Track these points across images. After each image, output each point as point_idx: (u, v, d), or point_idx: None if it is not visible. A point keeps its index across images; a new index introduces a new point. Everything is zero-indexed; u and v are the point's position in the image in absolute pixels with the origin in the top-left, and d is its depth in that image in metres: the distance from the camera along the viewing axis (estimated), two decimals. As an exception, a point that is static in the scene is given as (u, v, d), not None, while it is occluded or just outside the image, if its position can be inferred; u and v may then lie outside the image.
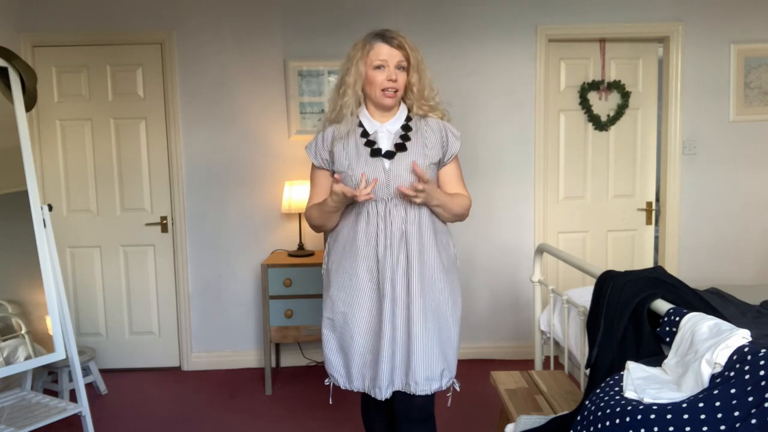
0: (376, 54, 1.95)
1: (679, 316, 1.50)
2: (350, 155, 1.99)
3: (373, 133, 2.00)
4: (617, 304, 1.74)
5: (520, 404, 2.33)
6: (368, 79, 1.96)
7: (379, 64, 1.94)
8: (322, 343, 2.08)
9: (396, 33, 1.97)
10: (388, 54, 1.94)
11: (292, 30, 3.84)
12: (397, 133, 2.00)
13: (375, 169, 1.95)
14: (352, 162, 1.98)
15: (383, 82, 1.94)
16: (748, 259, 4.06)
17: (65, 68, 3.83)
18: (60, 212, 3.86)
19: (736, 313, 2.63)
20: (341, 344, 2.03)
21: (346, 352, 2.02)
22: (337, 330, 2.03)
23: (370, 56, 1.95)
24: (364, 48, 1.97)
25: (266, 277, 3.47)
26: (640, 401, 1.30)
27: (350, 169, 1.98)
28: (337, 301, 2.02)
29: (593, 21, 3.88)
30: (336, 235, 2.08)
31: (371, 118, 2.02)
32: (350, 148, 1.99)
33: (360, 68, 1.96)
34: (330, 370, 2.07)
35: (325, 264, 2.13)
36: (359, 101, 2.00)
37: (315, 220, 2.07)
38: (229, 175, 3.91)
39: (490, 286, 4.02)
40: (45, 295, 2.79)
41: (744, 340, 1.29)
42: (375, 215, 1.96)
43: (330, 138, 2.04)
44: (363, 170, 1.94)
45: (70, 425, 3.09)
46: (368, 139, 1.99)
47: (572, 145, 4.06)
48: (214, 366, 3.99)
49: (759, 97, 3.96)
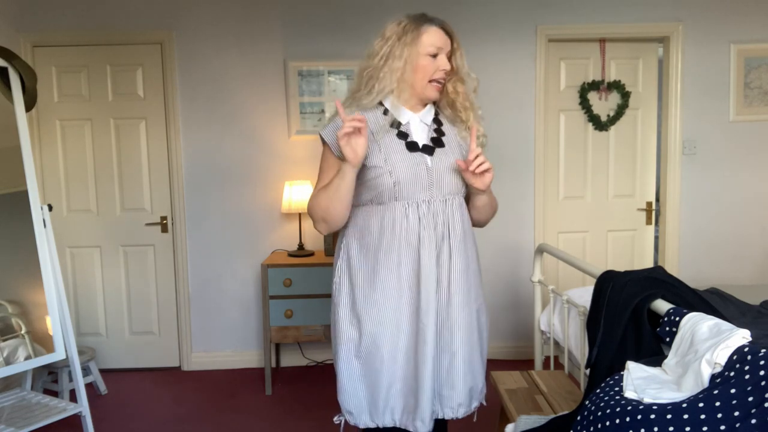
0: (430, 39, 1.71)
1: (679, 316, 1.50)
2: (386, 148, 1.71)
3: (405, 124, 1.76)
4: (617, 304, 1.73)
5: (520, 404, 2.33)
6: (417, 66, 1.71)
7: (434, 51, 1.71)
8: (338, 370, 1.76)
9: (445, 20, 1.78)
10: (443, 41, 1.73)
11: (292, 30, 3.84)
12: (431, 126, 1.79)
13: (416, 165, 1.70)
14: (389, 155, 1.70)
15: (435, 71, 1.72)
16: (748, 259, 4.05)
17: (65, 68, 3.83)
18: (60, 212, 3.86)
19: (736, 313, 2.63)
20: (366, 371, 1.72)
21: (372, 381, 1.72)
22: (361, 355, 1.72)
23: (423, 41, 1.71)
24: (416, 30, 1.72)
25: (266, 277, 3.47)
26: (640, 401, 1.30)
27: (387, 163, 1.69)
28: (364, 320, 1.71)
29: (593, 21, 3.88)
30: (361, 239, 1.76)
31: (403, 108, 1.76)
32: (385, 140, 1.72)
33: (411, 51, 1.70)
34: (346, 404, 1.75)
35: (342, 274, 1.79)
36: (402, 87, 1.73)
37: (321, 206, 1.71)
38: (229, 175, 3.91)
39: (490, 286, 4.02)
40: (45, 295, 2.78)
41: (744, 340, 1.29)
42: (415, 218, 1.70)
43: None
44: (404, 166, 1.69)
45: (70, 425, 3.09)
46: (400, 130, 1.75)
47: (572, 145, 4.06)
48: (214, 366, 3.99)
49: (759, 97, 3.96)
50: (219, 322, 3.99)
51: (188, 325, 3.98)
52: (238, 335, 4.00)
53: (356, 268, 1.75)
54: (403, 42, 1.71)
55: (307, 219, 3.88)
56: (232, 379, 3.82)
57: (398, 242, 1.69)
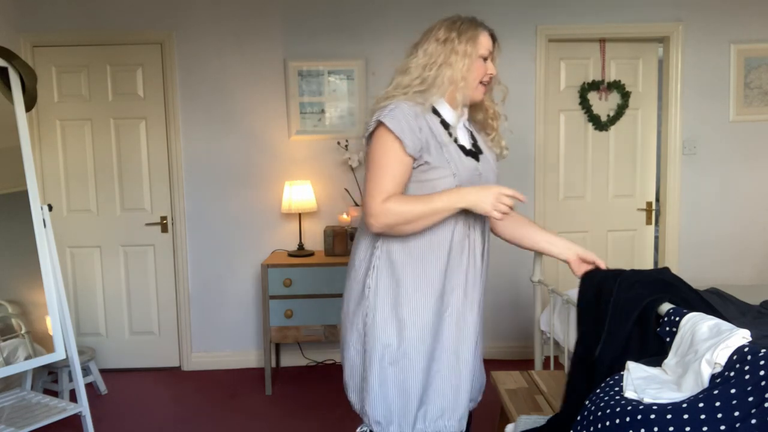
0: (485, 43, 1.73)
1: (679, 316, 1.50)
2: (450, 151, 1.67)
3: (452, 127, 1.73)
4: (625, 303, 1.72)
5: (520, 404, 2.33)
6: (473, 67, 1.71)
7: (486, 55, 1.73)
8: (369, 378, 1.68)
9: None
10: (492, 46, 1.76)
11: (292, 30, 3.84)
12: (468, 131, 1.80)
13: (472, 169, 1.70)
14: (454, 159, 1.66)
15: (484, 74, 1.74)
16: (748, 259, 4.05)
17: (65, 68, 3.83)
18: (60, 212, 3.86)
19: (736, 313, 2.64)
20: (400, 378, 1.67)
21: (405, 389, 1.68)
22: (397, 361, 1.66)
23: (480, 42, 1.71)
24: (473, 31, 1.72)
25: (266, 277, 3.47)
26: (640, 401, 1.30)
27: (451, 165, 1.65)
28: (405, 324, 1.66)
29: (593, 21, 3.87)
30: (406, 240, 1.68)
31: (451, 109, 1.73)
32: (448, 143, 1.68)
33: (471, 52, 1.69)
34: (375, 414, 1.68)
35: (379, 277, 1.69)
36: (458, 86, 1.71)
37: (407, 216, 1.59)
38: (229, 175, 3.91)
39: (490, 286, 4.00)
40: (45, 295, 2.79)
41: (744, 340, 1.29)
42: (467, 222, 1.70)
43: (420, 119, 1.66)
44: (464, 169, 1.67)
45: (70, 425, 3.09)
46: (449, 132, 1.71)
47: (572, 145, 4.06)
48: (214, 366, 3.99)
49: (759, 97, 3.96)
50: (219, 322, 3.99)
51: (188, 325, 3.98)
52: (238, 335, 4.00)
53: (398, 271, 1.68)
54: (464, 41, 1.69)
55: (307, 219, 3.88)
56: (232, 379, 3.82)
57: (449, 246, 1.67)
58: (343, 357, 1.79)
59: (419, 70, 1.70)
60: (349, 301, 1.77)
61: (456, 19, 1.74)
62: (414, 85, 1.69)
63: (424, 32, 1.79)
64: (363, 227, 1.76)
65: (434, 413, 1.70)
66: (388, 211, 1.59)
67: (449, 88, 1.69)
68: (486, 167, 1.76)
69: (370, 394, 1.68)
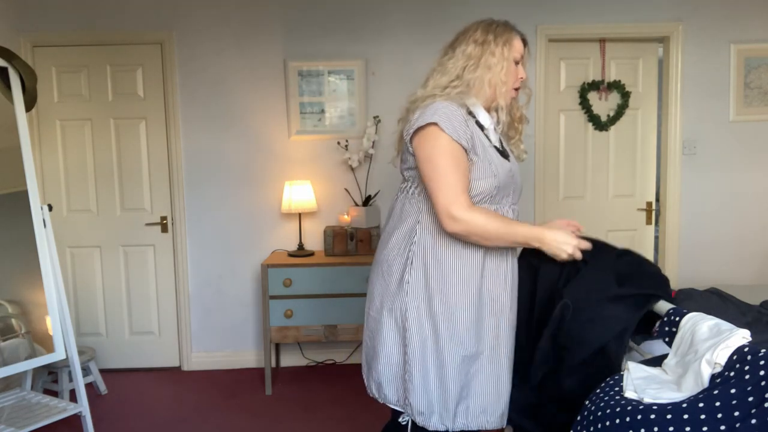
0: (519, 47, 1.79)
1: (679, 316, 1.50)
2: (490, 152, 1.72)
3: (486, 129, 1.77)
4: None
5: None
6: (509, 70, 1.77)
7: (519, 59, 1.78)
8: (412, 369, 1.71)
9: None
10: (524, 52, 1.82)
11: (292, 30, 3.84)
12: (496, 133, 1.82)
13: (508, 171, 1.75)
14: (494, 160, 1.71)
15: (517, 79, 1.78)
16: (748, 259, 4.05)
17: (65, 68, 3.83)
18: (60, 212, 3.86)
19: (736, 314, 2.63)
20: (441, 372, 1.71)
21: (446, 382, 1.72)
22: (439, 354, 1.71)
23: (514, 46, 1.77)
24: (508, 35, 1.78)
25: (266, 277, 3.47)
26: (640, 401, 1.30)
27: (492, 165, 1.70)
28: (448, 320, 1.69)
29: (593, 21, 3.88)
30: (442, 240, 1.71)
31: (484, 111, 1.77)
32: (487, 145, 1.72)
33: (507, 55, 1.75)
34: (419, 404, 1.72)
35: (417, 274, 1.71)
36: (494, 88, 1.75)
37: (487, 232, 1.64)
38: (229, 175, 3.91)
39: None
40: (45, 295, 2.79)
41: (744, 340, 1.29)
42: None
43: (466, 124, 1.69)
44: (502, 170, 1.72)
45: (70, 425, 3.09)
46: (485, 134, 1.75)
47: (572, 145, 4.06)
48: (214, 366, 3.99)
49: (759, 97, 3.96)
50: (219, 322, 3.99)
51: (188, 325, 3.98)
52: (238, 335, 4.00)
53: (437, 265, 1.70)
54: (500, 43, 1.74)
55: (307, 219, 3.88)
56: (232, 379, 3.82)
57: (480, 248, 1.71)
58: (377, 352, 1.78)
59: (458, 71, 1.74)
60: (383, 296, 1.77)
61: (491, 21, 1.80)
62: (453, 85, 1.73)
63: (459, 33, 1.84)
64: (397, 223, 1.78)
65: (476, 409, 1.73)
66: (474, 223, 1.63)
67: (487, 90, 1.74)
68: (515, 169, 1.80)
69: (414, 384, 1.71)
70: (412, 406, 1.73)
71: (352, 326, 3.49)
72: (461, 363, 1.70)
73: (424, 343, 1.70)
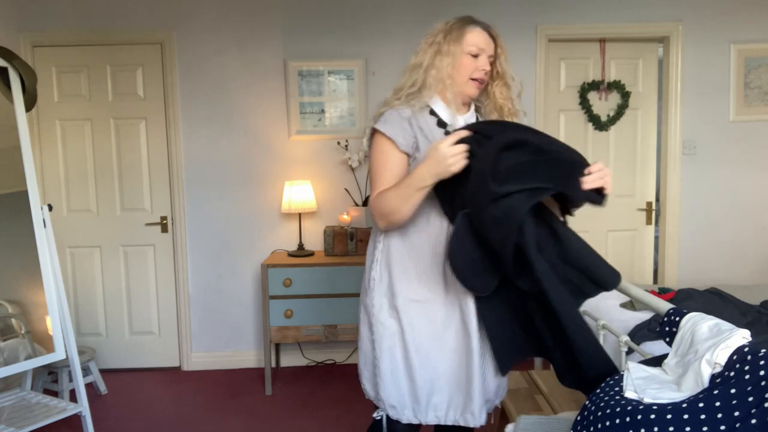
0: (474, 39, 1.75)
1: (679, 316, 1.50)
2: None
3: (449, 126, 1.78)
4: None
5: (520, 404, 2.33)
6: (459, 64, 1.75)
7: (475, 51, 1.75)
8: (379, 364, 1.77)
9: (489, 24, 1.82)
10: (486, 43, 1.77)
11: (292, 30, 3.84)
12: None
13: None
14: None
15: (474, 70, 1.75)
16: (747, 259, 4.05)
17: (65, 68, 3.83)
18: (60, 212, 3.86)
19: (736, 314, 2.63)
20: (408, 365, 1.75)
21: (413, 376, 1.75)
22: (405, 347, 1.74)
23: (466, 40, 1.75)
24: (460, 30, 1.76)
25: (266, 277, 3.47)
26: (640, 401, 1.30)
27: None
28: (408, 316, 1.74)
29: (593, 21, 3.88)
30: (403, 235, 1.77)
31: (448, 109, 1.79)
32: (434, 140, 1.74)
33: (456, 50, 1.74)
34: (390, 398, 1.75)
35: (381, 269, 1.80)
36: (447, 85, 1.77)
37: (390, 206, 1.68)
38: (229, 175, 3.91)
39: (490, 286, 4.01)
40: (45, 295, 2.78)
41: (744, 340, 1.29)
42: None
43: (411, 120, 1.76)
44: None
45: (70, 425, 3.09)
46: (446, 130, 1.77)
47: (572, 145, 4.03)
48: (214, 366, 3.99)
49: (759, 97, 3.96)
50: (219, 322, 3.99)
51: (188, 325, 3.98)
52: (238, 335, 4.00)
53: (398, 263, 1.76)
54: (449, 40, 1.76)
55: (307, 219, 3.88)
56: (232, 379, 3.82)
57: (446, 237, 1.69)
58: (359, 347, 1.87)
59: (410, 72, 1.80)
60: (361, 293, 1.87)
61: (450, 20, 1.80)
62: (406, 87, 1.79)
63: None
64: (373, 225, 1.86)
65: (443, 405, 1.75)
66: (375, 203, 1.73)
67: (439, 87, 1.76)
68: None
69: (383, 379, 1.76)
70: (383, 400, 1.77)
71: (352, 326, 3.49)
72: (427, 356, 1.73)
73: (391, 337, 1.75)
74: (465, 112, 1.83)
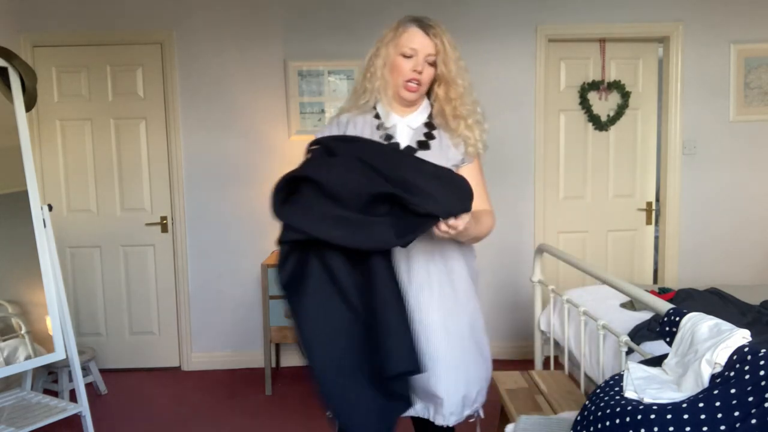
0: (408, 40, 1.71)
1: (679, 316, 1.50)
2: None
3: (391, 127, 1.76)
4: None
5: (520, 404, 2.33)
6: (393, 66, 1.73)
7: (408, 52, 1.71)
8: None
9: (436, 22, 1.75)
10: (421, 43, 1.71)
11: (292, 30, 3.84)
12: (419, 130, 1.77)
13: None
14: None
15: (408, 72, 1.71)
16: (748, 259, 4.05)
17: (65, 68, 3.83)
18: (60, 212, 3.86)
19: (736, 313, 2.63)
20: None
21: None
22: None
23: (402, 41, 1.72)
24: (396, 30, 1.74)
25: (266, 277, 3.47)
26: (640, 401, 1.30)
27: None
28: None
29: (593, 21, 3.87)
30: None
31: (390, 111, 1.78)
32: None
33: (390, 51, 1.73)
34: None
35: None
36: (387, 88, 1.75)
37: None
38: (229, 175, 3.91)
39: (491, 286, 4.01)
40: (45, 295, 2.78)
41: (744, 340, 1.29)
42: None
43: (345, 126, 1.79)
44: None
45: (70, 425, 3.09)
46: (386, 133, 1.75)
47: (572, 145, 4.06)
48: (214, 366, 3.99)
49: (759, 97, 3.96)
50: (219, 322, 3.99)
51: (188, 325, 3.98)
52: (238, 335, 4.00)
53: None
54: (386, 41, 1.75)
55: (307, 219, 3.88)
56: (232, 379, 3.82)
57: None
58: None
59: (360, 79, 1.82)
60: None
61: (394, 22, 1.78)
62: (355, 93, 1.82)
63: None
64: None
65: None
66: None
67: (381, 87, 1.76)
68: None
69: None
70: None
71: (352, 326, 3.49)
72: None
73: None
74: (410, 112, 1.78)
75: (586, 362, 2.46)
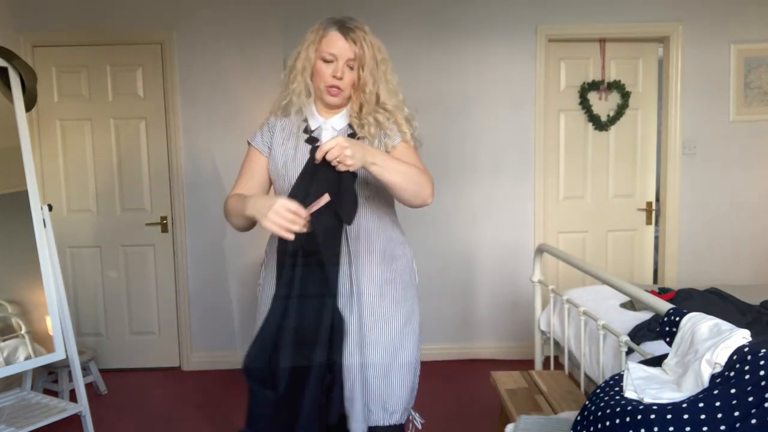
0: (327, 44, 1.68)
1: (679, 316, 1.50)
2: (287, 154, 1.74)
3: (316, 129, 1.76)
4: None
5: (520, 404, 2.33)
6: (315, 70, 1.71)
7: (328, 57, 1.68)
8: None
9: (357, 25, 1.71)
10: (341, 48, 1.68)
11: (292, 30, 3.84)
12: (343, 131, 1.75)
13: None
14: (288, 162, 1.73)
15: (328, 78, 1.69)
16: (747, 258, 4.05)
17: (65, 68, 3.83)
18: (60, 212, 3.86)
19: (736, 313, 2.63)
20: None
21: None
22: None
23: (322, 45, 1.69)
24: (317, 33, 1.71)
25: (266, 277, 3.46)
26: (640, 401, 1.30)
27: (284, 168, 1.73)
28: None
29: (593, 21, 3.88)
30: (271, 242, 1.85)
31: (315, 113, 1.77)
32: (289, 145, 1.75)
33: (310, 55, 1.71)
34: None
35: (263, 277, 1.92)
36: (309, 91, 1.74)
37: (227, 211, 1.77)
38: (230, 175, 3.90)
39: (491, 286, 4.02)
40: (45, 295, 2.79)
41: (744, 340, 1.29)
42: None
43: (274, 128, 1.81)
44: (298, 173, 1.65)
45: (70, 425, 3.09)
46: (311, 135, 1.75)
47: (572, 145, 4.06)
48: (214, 366, 3.99)
49: (759, 97, 3.96)
50: (219, 322, 3.99)
51: (188, 325, 3.98)
52: (238, 335, 4.00)
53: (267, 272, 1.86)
54: (306, 45, 1.73)
55: (307, 219, 3.88)
56: (232, 379, 3.82)
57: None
58: None
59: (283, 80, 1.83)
60: None
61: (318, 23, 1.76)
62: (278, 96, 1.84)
63: None
64: None
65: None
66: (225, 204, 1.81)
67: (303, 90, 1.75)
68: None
69: None
70: None
71: (352, 326, 3.49)
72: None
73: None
74: (336, 114, 1.77)
75: (586, 362, 2.46)
